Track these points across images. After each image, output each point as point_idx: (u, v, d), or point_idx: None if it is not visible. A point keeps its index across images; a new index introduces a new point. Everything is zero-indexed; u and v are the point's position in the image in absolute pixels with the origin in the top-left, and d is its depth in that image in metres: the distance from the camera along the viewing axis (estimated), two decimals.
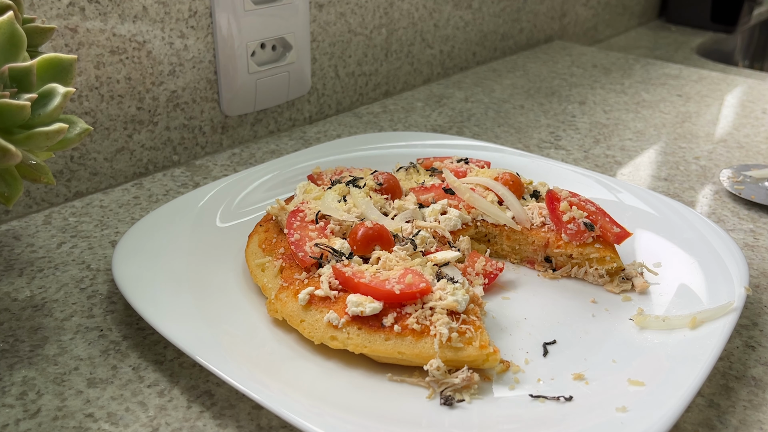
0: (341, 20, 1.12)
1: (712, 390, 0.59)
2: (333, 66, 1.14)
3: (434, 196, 0.76)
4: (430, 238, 0.68)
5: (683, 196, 0.93)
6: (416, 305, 0.58)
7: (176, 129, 0.95)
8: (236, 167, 0.97)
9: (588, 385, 0.56)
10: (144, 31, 0.87)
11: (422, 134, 1.01)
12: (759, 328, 0.66)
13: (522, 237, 0.73)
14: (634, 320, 0.63)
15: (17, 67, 0.52)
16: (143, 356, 0.61)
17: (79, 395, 0.56)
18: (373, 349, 0.56)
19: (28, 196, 0.83)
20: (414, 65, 1.30)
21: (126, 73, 0.87)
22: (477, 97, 1.28)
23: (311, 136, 1.08)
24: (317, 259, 0.64)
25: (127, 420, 0.54)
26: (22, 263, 0.73)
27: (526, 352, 0.61)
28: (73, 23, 0.80)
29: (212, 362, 0.54)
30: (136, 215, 0.84)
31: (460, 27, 1.37)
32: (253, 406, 0.56)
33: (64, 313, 0.66)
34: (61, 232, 0.80)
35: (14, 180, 0.55)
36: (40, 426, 0.53)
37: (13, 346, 0.62)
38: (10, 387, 0.57)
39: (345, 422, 0.50)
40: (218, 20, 0.93)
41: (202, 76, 0.95)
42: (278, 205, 0.72)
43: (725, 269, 0.67)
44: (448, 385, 0.55)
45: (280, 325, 0.62)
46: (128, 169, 0.92)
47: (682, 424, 0.55)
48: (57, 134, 0.53)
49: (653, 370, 0.56)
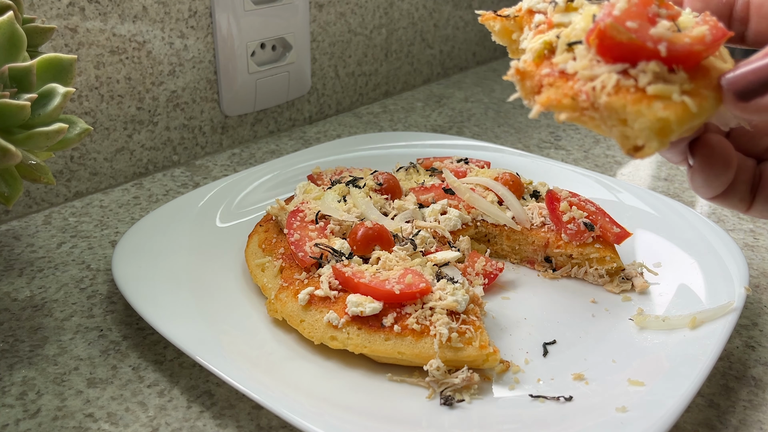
0: (341, 20, 1.12)
1: (712, 390, 0.59)
2: (333, 66, 1.14)
3: (434, 196, 0.76)
4: (430, 238, 0.68)
5: (683, 196, 0.92)
6: (416, 305, 0.58)
7: (176, 129, 0.95)
8: (236, 167, 0.97)
9: (588, 385, 0.56)
10: (144, 31, 0.87)
11: (422, 134, 1.01)
12: (759, 328, 0.66)
13: (522, 237, 0.73)
14: (634, 320, 0.63)
15: (17, 67, 0.52)
16: (143, 356, 0.61)
17: (79, 395, 0.56)
18: (372, 349, 0.56)
19: (28, 196, 0.83)
20: (414, 65, 1.30)
21: (126, 73, 0.87)
22: (477, 97, 1.28)
23: (311, 136, 1.08)
24: (317, 259, 0.64)
25: (127, 420, 0.54)
26: (22, 263, 0.73)
27: (526, 352, 0.61)
28: (73, 23, 0.80)
29: (212, 362, 0.54)
30: (136, 215, 0.84)
31: (460, 27, 1.36)
32: (253, 406, 0.56)
33: (64, 313, 0.66)
34: (61, 232, 0.80)
35: (14, 180, 0.55)
36: (40, 426, 0.53)
37: (13, 346, 0.62)
38: (10, 387, 0.57)
39: (345, 422, 0.50)
40: (218, 20, 0.93)
41: (202, 76, 0.95)
42: (278, 205, 0.72)
43: (725, 269, 0.67)
44: (448, 385, 0.55)
45: (280, 325, 0.62)
46: (128, 169, 0.92)
47: (682, 424, 0.55)
48: (57, 134, 0.53)
49: (653, 370, 0.56)
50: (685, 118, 0.37)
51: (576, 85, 0.39)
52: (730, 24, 0.45)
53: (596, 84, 0.38)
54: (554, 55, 0.42)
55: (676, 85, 0.37)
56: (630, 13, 0.38)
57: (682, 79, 0.38)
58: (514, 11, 0.47)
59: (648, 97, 0.37)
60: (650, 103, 0.37)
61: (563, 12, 0.44)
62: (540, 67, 0.42)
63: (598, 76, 0.38)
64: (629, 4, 0.38)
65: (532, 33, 0.45)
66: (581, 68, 0.39)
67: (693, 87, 0.38)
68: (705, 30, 0.38)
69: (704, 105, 0.38)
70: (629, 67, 0.38)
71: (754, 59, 0.38)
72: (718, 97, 0.39)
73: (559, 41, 0.41)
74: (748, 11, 0.44)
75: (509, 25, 0.47)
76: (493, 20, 0.47)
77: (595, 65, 0.39)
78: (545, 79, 0.41)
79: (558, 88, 0.40)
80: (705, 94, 0.38)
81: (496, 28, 0.48)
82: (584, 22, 0.41)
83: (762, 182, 0.47)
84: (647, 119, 0.37)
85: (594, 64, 0.39)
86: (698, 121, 0.38)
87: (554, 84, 0.41)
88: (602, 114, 0.39)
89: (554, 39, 0.42)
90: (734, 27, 0.45)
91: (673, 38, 0.37)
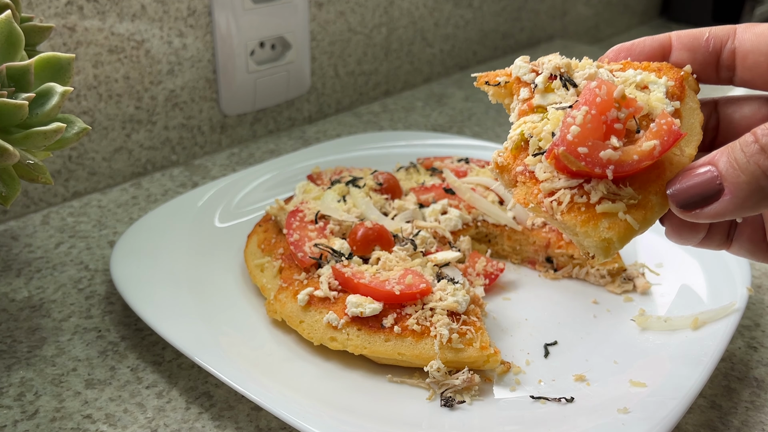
0: (341, 19, 1.11)
1: (714, 391, 0.58)
2: (332, 65, 1.13)
3: (434, 196, 0.76)
4: (430, 239, 0.68)
5: None
6: (416, 306, 0.58)
7: (175, 128, 0.95)
8: (235, 167, 0.96)
9: (589, 386, 0.56)
10: (142, 30, 0.87)
11: (422, 134, 1.01)
12: (761, 328, 0.66)
13: (523, 237, 0.73)
14: (635, 321, 0.63)
15: (15, 66, 0.52)
16: (141, 357, 0.61)
17: (77, 396, 0.56)
18: (372, 350, 0.56)
19: (25, 195, 0.82)
20: (414, 64, 1.29)
21: (124, 72, 0.87)
22: (477, 96, 1.28)
23: (311, 135, 1.08)
24: (317, 259, 0.63)
25: (126, 421, 0.54)
26: (20, 263, 0.73)
27: (527, 353, 0.60)
28: (71, 22, 0.80)
29: (211, 363, 0.54)
30: (135, 215, 0.83)
31: (460, 26, 1.36)
32: (252, 408, 0.56)
33: (62, 313, 0.66)
34: (59, 232, 0.79)
35: (12, 180, 0.55)
36: (38, 427, 0.53)
37: (10, 346, 0.61)
38: (8, 388, 0.57)
39: (344, 424, 0.50)
40: (217, 19, 0.93)
41: (200, 75, 0.95)
42: (277, 205, 0.72)
43: (727, 270, 0.67)
44: (448, 386, 0.55)
45: (279, 325, 0.62)
46: (126, 169, 0.92)
47: (684, 426, 0.55)
48: (55, 134, 0.52)
49: (655, 371, 0.56)
50: (627, 234, 0.41)
51: (539, 196, 0.44)
52: (718, 71, 0.47)
53: (554, 199, 0.43)
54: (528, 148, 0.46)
55: (622, 202, 0.41)
56: (584, 134, 0.41)
57: (629, 195, 0.42)
58: (505, 78, 0.50)
59: (596, 216, 0.42)
60: (597, 224, 0.42)
61: (542, 93, 0.48)
62: (516, 160, 0.46)
63: (558, 190, 0.43)
64: (584, 122, 0.41)
65: (517, 109, 0.49)
66: (543, 179, 0.44)
67: (640, 198, 0.42)
68: (655, 143, 0.41)
69: (648, 217, 0.42)
70: (584, 183, 0.42)
71: (697, 166, 0.40)
72: (665, 201, 0.42)
73: (531, 141, 0.45)
74: (734, 59, 0.46)
75: (500, 92, 0.51)
76: (486, 88, 0.51)
77: (554, 178, 0.43)
78: (519, 177, 0.46)
79: (528, 189, 0.45)
80: (652, 203, 0.42)
81: (490, 93, 0.52)
82: (552, 125, 0.44)
83: (738, 228, 0.47)
84: (593, 240, 0.41)
85: (554, 176, 0.43)
86: (643, 231, 0.42)
87: (526, 183, 0.45)
88: (560, 225, 0.43)
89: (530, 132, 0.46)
90: (722, 74, 0.47)
91: (622, 159, 0.41)
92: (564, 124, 0.42)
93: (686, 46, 0.47)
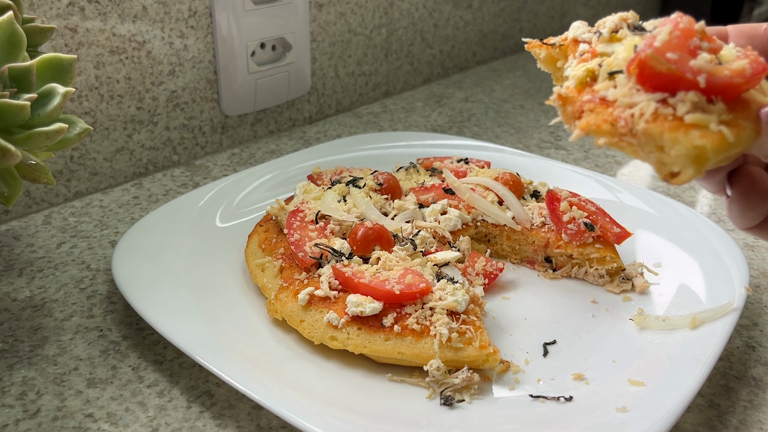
0: (341, 20, 1.12)
1: (713, 390, 0.59)
2: (333, 66, 1.14)
3: (434, 196, 0.76)
4: (430, 238, 0.68)
5: (683, 196, 0.92)
6: (416, 305, 0.58)
7: (176, 129, 0.95)
8: (236, 167, 0.97)
9: (588, 386, 0.56)
10: (144, 31, 0.87)
11: (422, 134, 1.01)
12: (759, 328, 0.66)
13: (522, 237, 0.73)
14: (634, 320, 0.63)
15: (17, 67, 0.52)
16: (143, 356, 0.61)
17: (79, 395, 0.56)
18: (372, 350, 0.56)
19: (27, 196, 0.83)
20: (414, 65, 1.30)
21: (126, 72, 0.87)
22: (477, 97, 1.28)
23: (311, 136, 1.08)
24: (317, 259, 0.64)
25: (127, 420, 0.54)
26: (22, 263, 0.73)
27: (526, 352, 0.61)
28: (73, 23, 0.80)
29: (212, 362, 0.54)
30: (136, 215, 0.84)
31: (460, 27, 1.36)
32: (253, 407, 0.56)
33: (63, 313, 0.66)
34: (61, 232, 0.79)
35: (14, 180, 0.55)
36: (40, 426, 0.53)
37: (12, 346, 0.61)
38: (10, 387, 0.57)
39: (345, 422, 0.50)
40: (218, 20, 0.93)
41: (201, 76, 0.95)
42: (278, 205, 0.72)
43: (725, 269, 0.67)
44: (448, 385, 0.55)
45: (280, 325, 0.62)
46: (128, 169, 0.92)
47: (683, 425, 0.55)
48: (57, 134, 0.53)
49: (653, 370, 0.56)
50: (721, 147, 0.38)
51: (615, 112, 0.40)
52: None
53: (635, 111, 0.39)
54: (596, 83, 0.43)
55: (714, 115, 0.38)
56: (671, 45, 0.39)
57: (720, 110, 0.38)
58: (560, 40, 0.49)
59: (685, 126, 0.38)
60: (687, 131, 0.38)
61: (607, 42, 0.46)
62: (581, 93, 0.44)
63: (637, 104, 0.39)
64: (670, 36, 0.39)
65: (576, 61, 0.47)
66: (621, 95, 0.40)
67: (731, 118, 0.38)
68: (745, 63, 0.39)
69: (741, 136, 0.38)
70: (668, 97, 0.39)
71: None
72: (756, 129, 0.39)
73: (601, 69, 0.43)
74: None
75: (554, 53, 0.49)
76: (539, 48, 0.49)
77: (634, 93, 0.40)
78: (586, 105, 0.42)
79: (598, 114, 0.41)
80: (743, 125, 0.39)
81: (542, 55, 0.49)
82: (626, 52, 0.42)
83: None
84: (683, 146, 0.38)
85: (634, 92, 0.40)
86: (735, 151, 0.39)
87: (594, 110, 0.42)
88: (640, 140, 0.40)
89: (596, 67, 0.43)
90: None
91: (713, 70, 0.38)
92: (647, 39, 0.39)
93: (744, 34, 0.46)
